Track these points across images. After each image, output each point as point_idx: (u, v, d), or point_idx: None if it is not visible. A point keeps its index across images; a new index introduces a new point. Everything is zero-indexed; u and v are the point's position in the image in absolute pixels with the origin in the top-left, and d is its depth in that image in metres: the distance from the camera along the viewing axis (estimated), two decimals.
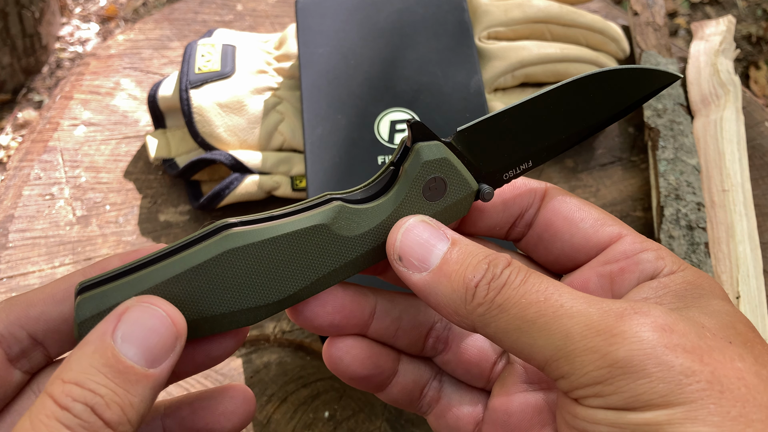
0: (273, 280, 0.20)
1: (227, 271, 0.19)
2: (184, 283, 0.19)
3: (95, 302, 0.19)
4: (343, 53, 0.45)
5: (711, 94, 0.51)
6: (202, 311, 0.19)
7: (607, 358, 0.17)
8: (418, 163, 0.21)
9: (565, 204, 0.24)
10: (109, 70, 0.56)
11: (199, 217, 0.48)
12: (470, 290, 0.20)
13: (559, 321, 0.18)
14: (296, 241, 0.20)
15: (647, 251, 0.22)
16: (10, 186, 0.49)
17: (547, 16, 0.48)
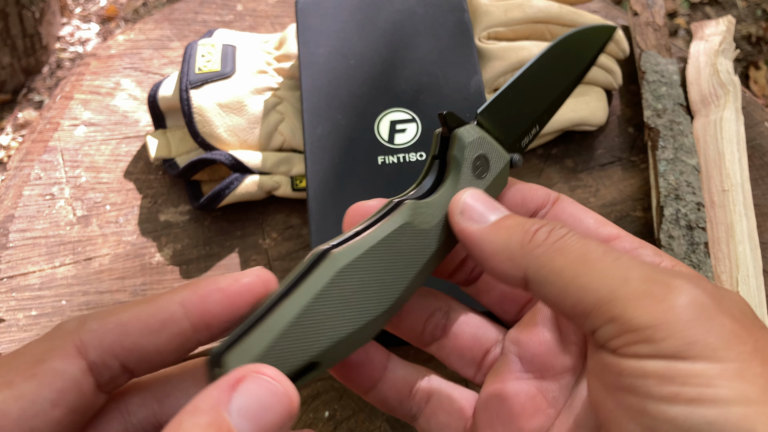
0: (382, 286, 0.21)
1: (342, 290, 0.20)
2: (308, 316, 0.19)
3: (239, 357, 0.19)
4: (343, 53, 0.45)
5: (711, 94, 0.51)
6: (330, 337, 0.20)
7: (664, 304, 0.17)
8: (463, 147, 0.23)
9: (572, 206, 0.25)
10: (109, 70, 0.56)
11: (200, 217, 0.48)
12: (529, 234, 0.21)
13: (619, 267, 0.19)
14: (390, 245, 0.21)
15: (645, 248, 0.23)
16: (11, 186, 0.49)
17: (547, 16, 0.48)
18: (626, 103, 0.53)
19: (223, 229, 0.47)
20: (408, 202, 0.22)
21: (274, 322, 0.19)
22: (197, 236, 0.47)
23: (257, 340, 0.19)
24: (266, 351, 0.19)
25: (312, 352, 0.19)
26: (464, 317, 0.26)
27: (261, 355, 0.19)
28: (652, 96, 0.50)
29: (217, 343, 0.20)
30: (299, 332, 0.19)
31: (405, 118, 0.42)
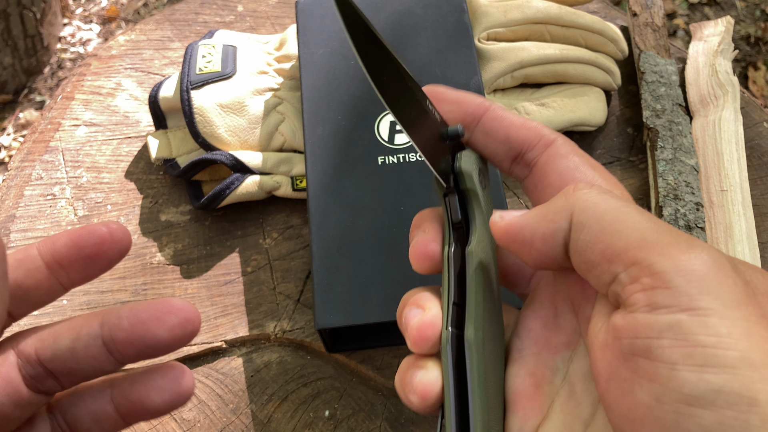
0: (494, 319, 0.25)
1: (485, 348, 0.23)
2: (481, 384, 0.23)
3: None
4: (343, 54, 0.45)
5: (709, 94, 0.51)
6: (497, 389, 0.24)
7: (687, 254, 0.18)
8: (470, 171, 0.25)
9: (564, 160, 0.24)
10: (110, 70, 0.56)
11: (200, 217, 0.48)
12: (573, 187, 0.22)
13: (652, 221, 0.20)
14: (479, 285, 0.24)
15: None
16: (12, 186, 0.49)
17: (547, 17, 0.49)
18: (625, 103, 0.54)
19: (224, 228, 0.47)
20: (470, 249, 0.24)
21: (478, 421, 0.22)
22: (198, 236, 0.47)
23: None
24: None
25: (500, 413, 0.23)
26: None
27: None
28: (651, 96, 0.50)
29: None
30: (491, 414, 0.22)
31: None
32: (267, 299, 0.44)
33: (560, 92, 0.49)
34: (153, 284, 0.45)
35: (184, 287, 0.45)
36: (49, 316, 0.43)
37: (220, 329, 0.43)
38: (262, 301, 0.44)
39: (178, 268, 0.45)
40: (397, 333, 0.41)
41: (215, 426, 0.39)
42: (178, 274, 0.45)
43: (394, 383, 0.24)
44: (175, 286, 0.45)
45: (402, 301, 0.25)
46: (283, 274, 0.45)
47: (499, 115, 0.25)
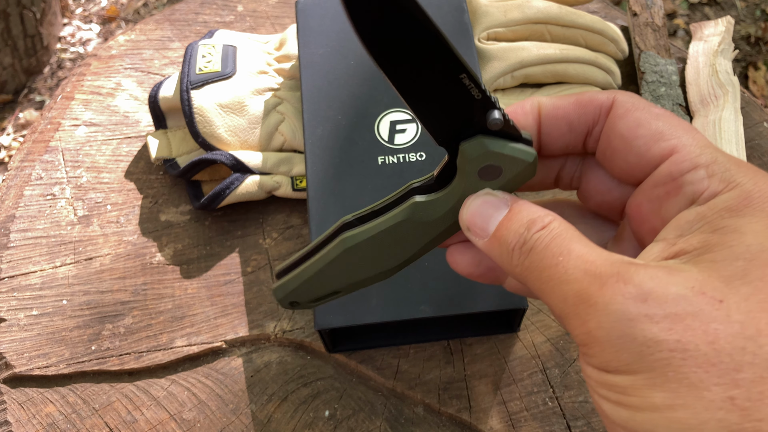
0: (381, 259, 0.27)
1: (350, 259, 0.27)
2: (328, 270, 0.27)
3: (279, 290, 0.29)
4: (343, 54, 0.45)
5: (710, 94, 0.51)
6: (347, 280, 0.28)
7: (584, 327, 0.19)
8: (465, 161, 0.24)
9: (625, 120, 0.23)
10: (110, 70, 0.56)
11: (200, 217, 0.48)
12: (510, 254, 0.22)
13: (561, 287, 0.20)
14: (391, 233, 0.26)
15: (696, 169, 0.21)
16: (12, 186, 0.49)
17: (547, 16, 0.49)
18: None
19: (224, 228, 0.47)
20: (411, 200, 0.25)
21: (303, 271, 0.28)
22: (198, 236, 0.47)
23: (292, 280, 0.28)
24: (297, 288, 0.28)
25: (329, 290, 0.28)
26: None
27: (293, 290, 0.28)
28: (651, 96, 0.50)
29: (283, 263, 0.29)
30: (319, 279, 0.27)
31: (405, 119, 0.42)
32: (267, 299, 0.44)
33: (560, 92, 0.49)
34: (153, 284, 0.45)
35: (184, 287, 0.45)
36: (50, 316, 0.43)
37: (220, 329, 0.43)
38: (262, 301, 0.44)
39: (178, 268, 0.45)
40: (397, 333, 0.41)
41: (215, 426, 0.39)
42: (178, 274, 0.45)
43: None
44: (175, 286, 0.45)
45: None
46: None
47: (552, 107, 0.25)
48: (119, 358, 0.42)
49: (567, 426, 0.38)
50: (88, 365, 0.41)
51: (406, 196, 0.26)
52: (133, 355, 0.42)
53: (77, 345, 0.42)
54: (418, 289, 0.37)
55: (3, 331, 0.43)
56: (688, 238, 0.20)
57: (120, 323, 0.43)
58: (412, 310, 0.36)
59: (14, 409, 0.40)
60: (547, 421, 0.39)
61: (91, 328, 0.43)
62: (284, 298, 0.29)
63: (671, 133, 0.22)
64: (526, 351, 0.41)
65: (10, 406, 0.40)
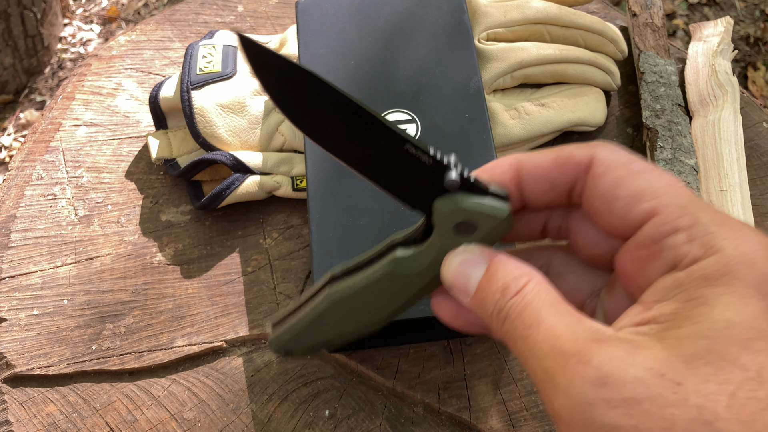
0: (368, 312, 0.27)
1: (337, 312, 0.27)
2: (319, 322, 0.28)
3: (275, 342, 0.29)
4: (343, 54, 0.45)
5: (709, 94, 0.51)
6: (337, 331, 0.28)
7: (550, 405, 0.19)
8: (440, 219, 0.24)
9: (603, 180, 0.22)
10: (110, 70, 0.56)
11: (201, 217, 0.48)
12: (489, 318, 0.22)
13: (531, 360, 0.20)
14: (375, 287, 0.26)
15: (676, 233, 0.20)
16: (13, 186, 0.49)
17: (546, 17, 0.49)
18: (625, 103, 0.54)
19: (224, 228, 0.47)
20: (392, 256, 0.26)
21: (295, 324, 0.28)
22: (198, 236, 0.47)
23: (286, 333, 0.28)
24: (291, 339, 0.28)
25: (321, 340, 0.28)
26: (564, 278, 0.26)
27: (288, 340, 0.28)
28: (651, 96, 0.50)
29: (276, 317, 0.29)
30: (310, 330, 0.28)
31: (405, 119, 0.42)
32: (267, 299, 0.44)
33: (560, 92, 0.49)
34: (153, 284, 0.45)
35: (185, 287, 0.45)
36: (50, 315, 0.43)
37: (220, 329, 0.43)
38: (263, 301, 0.44)
39: (179, 268, 0.45)
40: (397, 333, 0.41)
41: (216, 426, 0.39)
42: (178, 274, 0.45)
43: None
44: (175, 286, 0.45)
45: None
46: (284, 274, 0.45)
47: (532, 165, 0.24)
48: (120, 357, 0.42)
49: None
50: (88, 365, 0.41)
51: (388, 250, 0.26)
52: (133, 355, 0.42)
53: (78, 345, 0.42)
54: None
55: (4, 330, 0.43)
56: (663, 306, 0.19)
57: (121, 323, 0.43)
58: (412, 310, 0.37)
59: (15, 409, 0.40)
60: (546, 420, 0.39)
61: (91, 327, 0.43)
62: (279, 348, 0.29)
63: (652, 193, 0.21)
64: None
65: (11, 405, 0.40)
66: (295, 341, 0.28)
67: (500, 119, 0.47)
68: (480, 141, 0.41)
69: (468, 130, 0.41)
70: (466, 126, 0.41)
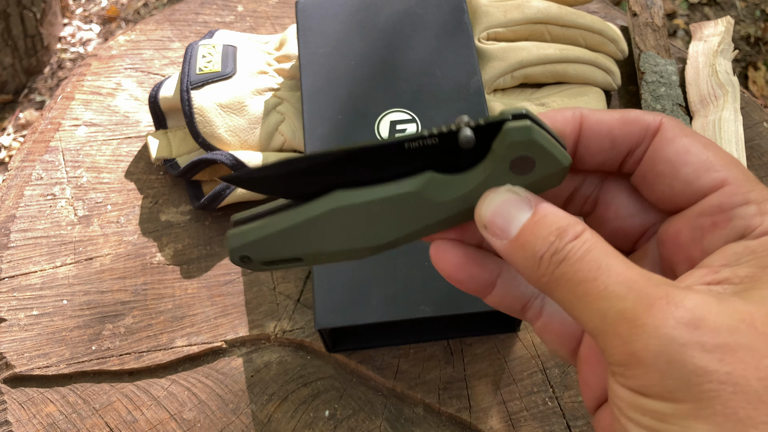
0: (372, 231, 0.23)
1: (335, 222, 0.23)
2: (302, 229, 0.24)
3: (235, 239, 0.24)
4: (343, 54, 0.45)
5: (709, 94, 0.51)
6: (319, 247, 0.24)
7: (627, 347, 0.18)
8: (504, 144, 0.22)
9: (673, 145, 0.22)
10: (110, 70, 0.56)
11: (200, 217, 0.48)
12: (536, 261, 0.21)
13: (600, 302, 0.19)
14: (391, 204, 0.23)
15: (747, 205, 0.20)
16: (12, 186, 0.49)
17: (546, 17, 0.49)
18: (625, 103, 0.54)
19: (224, 228, 0.47)
20: (428, 174, 0.23)
21: (272, 222, 0.24)
22: (198, 236, 0.47)
23: (256, 230, 0.24)
24: (258, 240, 0.24)
25: (294, 253, 0.24)
26: None
27: (253, 242, 0.24)
28: (651, 96, 0.50)
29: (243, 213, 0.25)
30: (289, 236, 0.24)
31: (405, 118, 0.42)
32: (267, 299, 0.44)
33: (560, 92, 0.49)
34: (153, 284, 0.45)
35: (184, 287, 0.45)
36: (50, 315, 0.43)
37: (220, 329, 0.43)
38: (262, 301, 0.44)
39: (178, 268, 0.45)
40: (397, 333, 0.41)
41: (215, 426, 0.39)
42: (178, 274, 0.45)
43: None
44: (175, 286, 0.45)
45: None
46: (283, 274, 0.45)
47: (596, 120, 0.23)
48: (119, 358, 0.42)
49: (567, 426, 0.39)
50: (88, 365, 0.41)
51: (418, 168, 0.23)
52: (133, 355, 0.42)
53: (77, 345, 0.42)
54: (418, 289, 0.37)
55: (3, 331, 0.43)
56: (734, 269, 0.19)
57: (120, 323, 0.43)
58: (412, 310, 0.37)
59: (14, 409, 0.40)
60: (546, 420, 0.39)
61: (91, 328, 0.43)
62: (238, 248, 0.24)
63: (722, 164, 0.21)
64: (526, 351, 0.41)
65: (11, 405, 0.40)
66: (262, 245, 0.24)
67: None
68: None
69: None
70: None
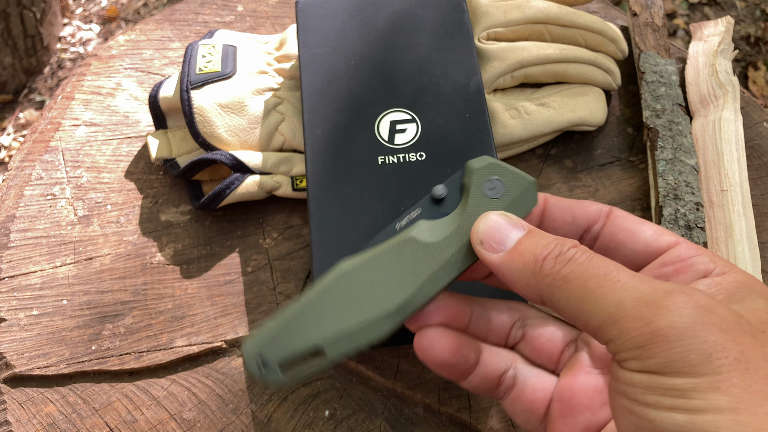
0: (383, 291, 0.24)
1: (345, 290, 0.23)
2: (313, 308, 0.23)
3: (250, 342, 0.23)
4: (343, 54, 0.45)
5: (709, 94, 0.51)
6: (335, 327, 0.23)
7: (650, 326, 0.19)
8: (471, 175, 0.25)
9: (626, 219, 0.27)
10: (110, 70, 0.56)
11: (200, 217, 0.48)
12: (539, 263, 0.22)
13: (615, 292, 0.20)
14: (393, 255, 0.24)
15: (701, 256, 0.25)
16: (12, 186, 0.49)
17: (547, 16, 0.49)
18: (625, 103, 0.54)
19: (224, 228, 0.47)
20: (418, 221, 0.25)
21: (284, 313, 0.23)
22: (198, 236, 0.47)
23: (269, 326, 0.23)
24: (273, 336, 0.22)
25: (314, 338, 0.23)
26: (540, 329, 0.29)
27: (268, 339, 0.22)
28: (651, 96, 0.50)
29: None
30: (303, 321, 0.23)
31: (405, 119, 0.42)
32: (267, 299, 0.44)
33: (560, 92, 0.49)
34: (153, 284, 0.45)
35: (184, 287, 0.45)
36: (50, 315, 0.43)
37: (220, 329, 0.43)
38: (263, 301, 0.44)
39: (178, 268, 0.45)
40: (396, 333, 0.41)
41: (215, 426, 0.39)
42: (178, 274, 0.45)
43: None
44: (175, 286, 0.45)
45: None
46: (284, 274, 0.45)
47: (558, 200, 0.28)
48: (119, 358, 0.42)
49: None
50: (88, 365, 0.41)
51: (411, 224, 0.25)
52: (133, 355, 0.42)
53: (77, 345, 0.42)
54: None
55: (3, 331, 0.43)
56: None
57: (120, 323, 0.43)
58: None
59: (14, 409, 0.40)
60: None
61: (91, 328, 0.43)
62: (253, 349, 0.23)
63: (668, 232, 0.26)
64: None
65: (10, 405, 0.40)
66: (278, 341, 0.23)
67: (500, 119, 0.46)
68: (480, 140, 0.41)
69: (468, 130, 0.41)
70: (466, 125, 0.41)
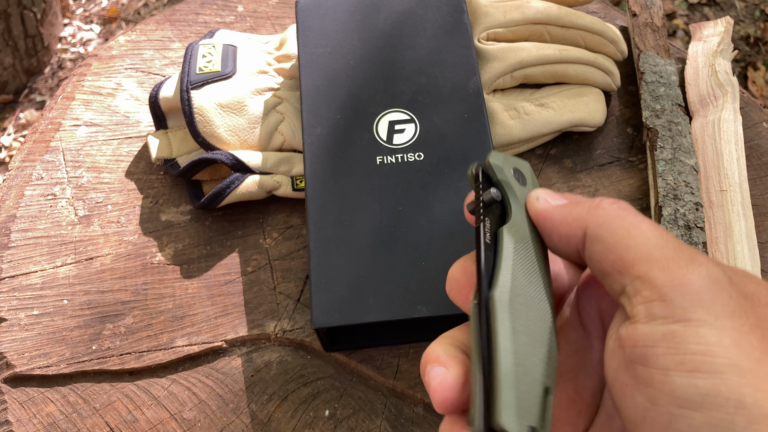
0: (536, 295, 0.24)
1: (518, 319, 0.22)
2: (518, 353, 0.22)
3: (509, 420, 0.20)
4: (342, 54, 0.45)
5: (709, 94, 0.51)
6: (536, 361, 0.22)
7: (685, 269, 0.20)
8: (500, 170, 0.26)
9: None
10: (110, 70, 0.56)
11: (201, 217, 0.48)
12: (596, 201, 0.23)
13: (662, 237, 0.21)
14: (520, 262, 0.24)
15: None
16: (13, 186, 0.49)
17: (546, 17, 0.49)
18: (625, 103, 0.54)
19: (224, 228, 0.47)
20: (503, 228, 0.25)
21: (499, 373, 0.20)
22: (198, 236, 0.47)
23: (507, 397, 0.19)
24: (517, 399, 0.20)
25: (539, 376, 0.21)
26: None
27: (517, 406, 0.20)
28: (651, 96, 0.50)
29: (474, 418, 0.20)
30: (519, 373, 0.20)
31: (404, 119, 0.42)
32: (267, 299, 0.44)
33: (560, 92, 0.49)
34: (153, 284, 0.45)
35: (185, 287, 0.45)
36: (50, 315, 0.43)
37: (220, 329, 0.43)
38: (263, 301, 0.44)
39: (179, 268, 0.46)
40: (396, 333, 0.41)
41: (216, 426, 0.39)
42: (178, 273, 0.45)
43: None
44: (175, 285, 0.45)
45: (424, 357, 0.24)
46: (284, 274, 0.45)
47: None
48: (120, 357, 0.42)
49: None
50: (88, 365, 0.41)
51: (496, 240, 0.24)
52: (133, 355, 0.42)
53: (78, 345, 0.42)
54: (415, 289, 0.37)
55: (4, 330, 0.43)
56: None
57: (120, 323, 0.43)
58: (409, 310, 0.37)
59: (15, 409, 0.40)
60: None
61: (91, 327, 0.43)
62: (520, 428, 0.19)
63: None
64: None
65: (11, 405, 0.40)
66: (524, 409, 0.20)
67: (500, 119, 0.47)
68: (479, 141, 0.41)
69: (467, 131, 0.41)
70: (465, 126, 0.42)
